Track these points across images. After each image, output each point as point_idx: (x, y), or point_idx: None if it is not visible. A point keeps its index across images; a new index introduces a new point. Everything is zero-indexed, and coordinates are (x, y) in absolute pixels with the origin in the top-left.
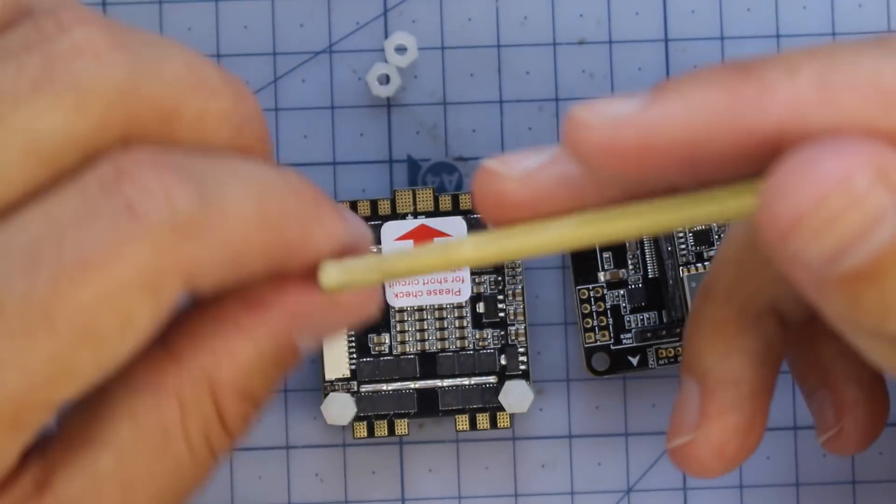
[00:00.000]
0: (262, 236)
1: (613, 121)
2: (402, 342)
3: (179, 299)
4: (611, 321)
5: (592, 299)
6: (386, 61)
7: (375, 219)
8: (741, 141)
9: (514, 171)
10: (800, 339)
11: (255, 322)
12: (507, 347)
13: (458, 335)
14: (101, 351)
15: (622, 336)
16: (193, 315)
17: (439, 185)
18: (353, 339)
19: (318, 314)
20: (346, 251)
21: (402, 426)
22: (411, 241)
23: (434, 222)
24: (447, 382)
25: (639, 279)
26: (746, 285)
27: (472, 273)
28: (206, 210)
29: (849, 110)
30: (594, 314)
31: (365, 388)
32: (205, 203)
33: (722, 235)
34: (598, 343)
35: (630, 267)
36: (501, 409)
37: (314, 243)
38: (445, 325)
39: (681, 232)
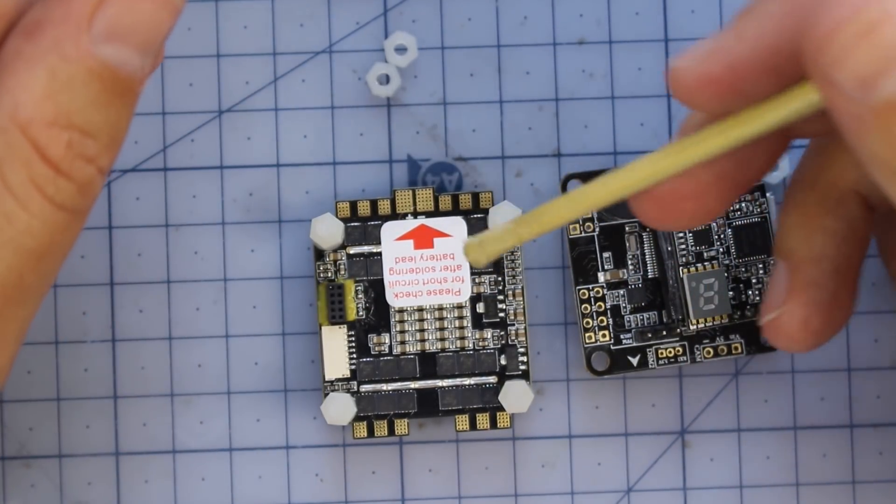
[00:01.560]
0: None
1: (702, 57)
2: (402, 342)
3: None
4: (611, 321)
5: (592, 299)
6: (386, 61)
7: (375, 219)
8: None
9: (691, 58)
10: (884, 221)
11: (34, 45)
12: (507, 347)
13: (458, 335)
14: None
15: (622, 336)
16: None
17: (439, 185)
18: (354, 339)
19: (105, 14)
20: None
21: (402, 426)
22: (411, 241)
23: (434, 222)
24: (447, 382)
25: (639, 279)
26: (828, 169)
27: (472, 273)
28: None
29: None
30: (594, 314)
31: (365, 388)
32: None
33: (722, 236)
34: (598, 343)
35: (630, 267)
36: (501, 409)
37: None
38: (445, 325)
39: (681, 232)
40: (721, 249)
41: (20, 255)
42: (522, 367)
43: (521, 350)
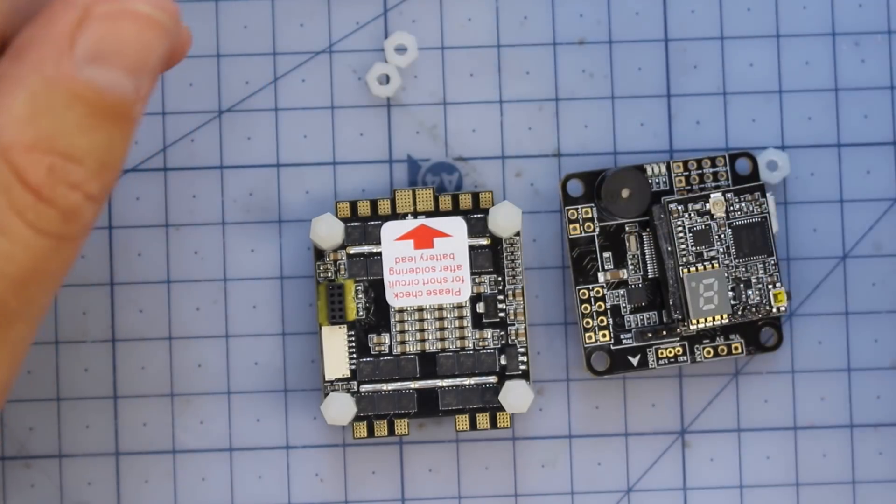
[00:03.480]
0: None
1: None
2: (402, 342)
3: None
4: (611, 321)
5: (592, 299)
6: (386, 61)
7: (375, 219)
8: None
9: None
10: None
11: (17, 66)
12: (507, 347)
13: (458, 335)
14: None
15: (622, 336)
16: None
17: (439, 185)
18: (354, 339)
19: (87, 35)
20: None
21: (402, 426)
22: (411, 241)
23: (434, 222)
24: (447, 382)
25: (639, 279)
26: None
27: (472, 273)
28: None
29: None
30: (594, 314)
31: (365, 388)
32: None
33: (722, 236)
34: (598, 343)
35: (630, 267)
36: (501, 409)
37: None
38: (445, 325)
39: (681, 232)
40: (721, 249)
41: (1, 280)
42: (522, 367)
43: (521, 350)
